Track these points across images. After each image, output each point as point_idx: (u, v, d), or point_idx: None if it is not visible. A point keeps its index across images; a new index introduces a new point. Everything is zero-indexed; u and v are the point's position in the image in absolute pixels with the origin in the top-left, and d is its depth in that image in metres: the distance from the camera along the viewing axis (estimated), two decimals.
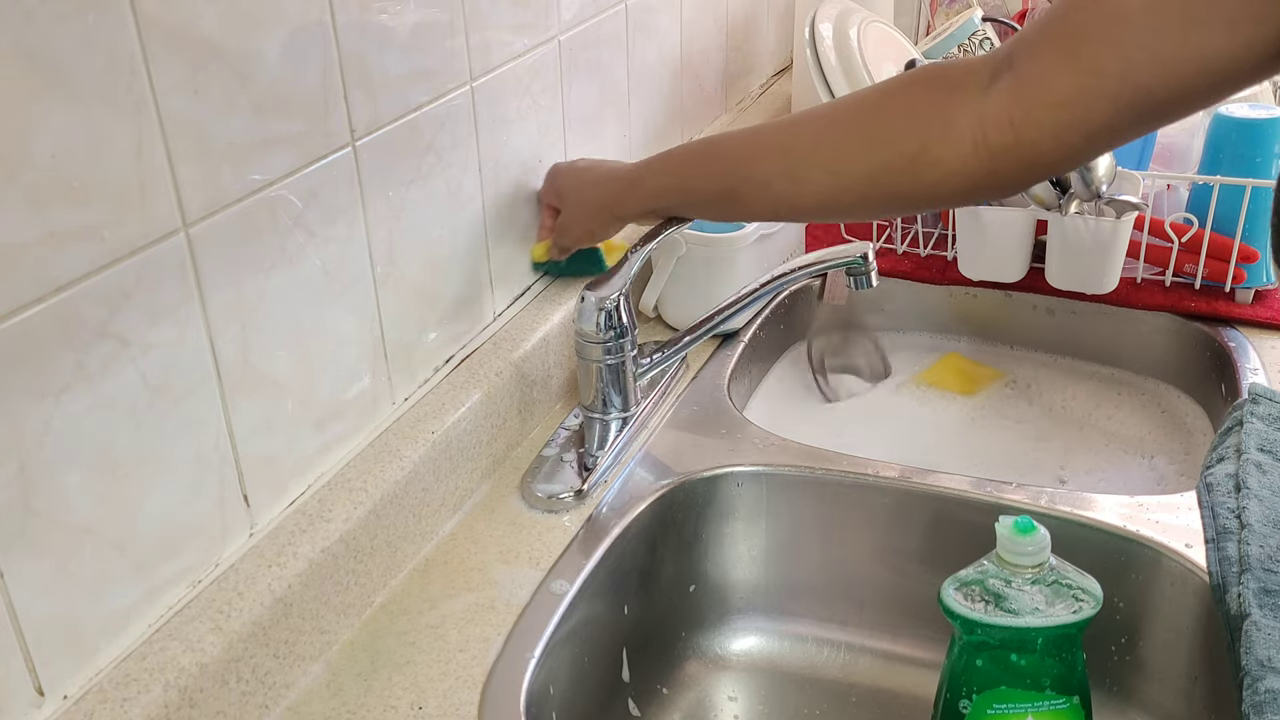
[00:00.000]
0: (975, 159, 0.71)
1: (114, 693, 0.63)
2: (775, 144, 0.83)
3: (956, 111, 0.71)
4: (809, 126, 0.81)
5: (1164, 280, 1.18)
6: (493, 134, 0.95)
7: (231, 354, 0.71)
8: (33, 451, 0.59)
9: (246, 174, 0.70)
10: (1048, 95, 0.67)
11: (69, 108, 0.58)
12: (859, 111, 0.80)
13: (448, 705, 0.73)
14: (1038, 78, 0.67)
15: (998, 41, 1.55)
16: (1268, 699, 0.67)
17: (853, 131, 0.78)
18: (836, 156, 0.78)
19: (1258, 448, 0.88)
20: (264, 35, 0.69)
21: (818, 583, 0.97)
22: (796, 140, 0.81)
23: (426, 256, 0.89)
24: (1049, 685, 0.74)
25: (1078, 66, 0.65)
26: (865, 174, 0.77)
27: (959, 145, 0.71)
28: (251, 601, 0.70)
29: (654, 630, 0.93)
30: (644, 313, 1.15)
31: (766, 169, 0.82)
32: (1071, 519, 0.87)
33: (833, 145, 0.79)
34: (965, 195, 0.75)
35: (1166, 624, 0.85)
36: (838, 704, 0.94)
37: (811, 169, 0.79)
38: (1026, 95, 0.68)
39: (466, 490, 0.91)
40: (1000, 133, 0.69)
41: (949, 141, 0.71)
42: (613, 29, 1.14)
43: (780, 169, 0.81)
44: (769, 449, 0.96)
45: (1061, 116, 0.67)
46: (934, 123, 0.72)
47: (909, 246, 1.29)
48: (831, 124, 0.80)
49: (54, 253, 0.58)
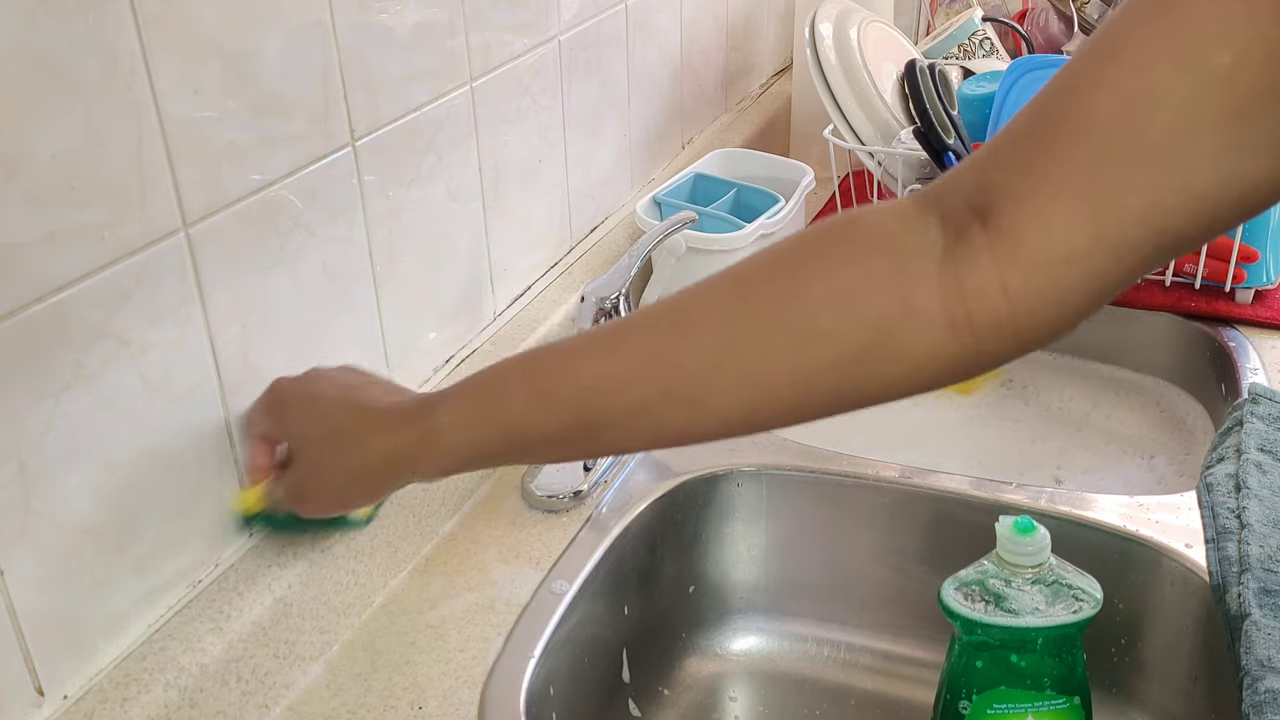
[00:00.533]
0: (956, 343, 0.54)
1: (114, 693, 0.63)
2: (650, 356, 0.58)
3: (912, 286, 0.53)
4: (701, 325, 0.57)
5: (1164, 280, 1.18)
6: (493, 134, 0.95)
7: (231, 354, 0.71)
8: (33, 451, 0.59)
9: (246, 174, 0.70)
10: (1051, 251, 0.51)
11: (69, 108, 0.58)
12: (771, 294, 0.57)
13: (448, 705, 0.73)
14: (1036, 230, 0.51)
15: (998, 42, 1.55)
16: (1268, 699, 0.67)
17: (770, 324, 0.56)
18: (751, 361, 0.56)
19: (1258, 448, 0.88)
20: (264, 35, 0.69)
21: (818, 583, 0.97)
22: (684, 347, 0.57)
23: (426, 256, 0.89)
24: (1049, 685, 0.74)
25: (1088, 212, 0.50)
26: (796, 380, 0.56)
27: (928, 330, 0.53)
28: (251, 601, 0.70)
29: (654, 630, 0.93)
30: None
31: (641, 393, 0.58)
32: (1071, 519, 0.87)
33: (744, 347, 0.56)
34: (938, 384, 0.56)
35: (1166, 624, 0.85)
36: (838, 704, 0.94)
37: (714, 382, 0.57)
38: (1023, 255, 0.51)
39: (466, 490, 0.91)
40: (989, 307, 0.52)
41: (913, 326, 0.54)
42: (613, 29, 1.14)
43: (663, 390, 0.57)
44: (769, 449, 0.96)
45: (1068, 276, 0.51)
46: (885, 303, 0.54)
47: None
48: (734, 316, 0.57)
49: (54, 253, 0.58)
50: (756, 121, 1.51)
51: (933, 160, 1.18)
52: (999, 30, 1.61)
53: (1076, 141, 0.50)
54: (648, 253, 0.95)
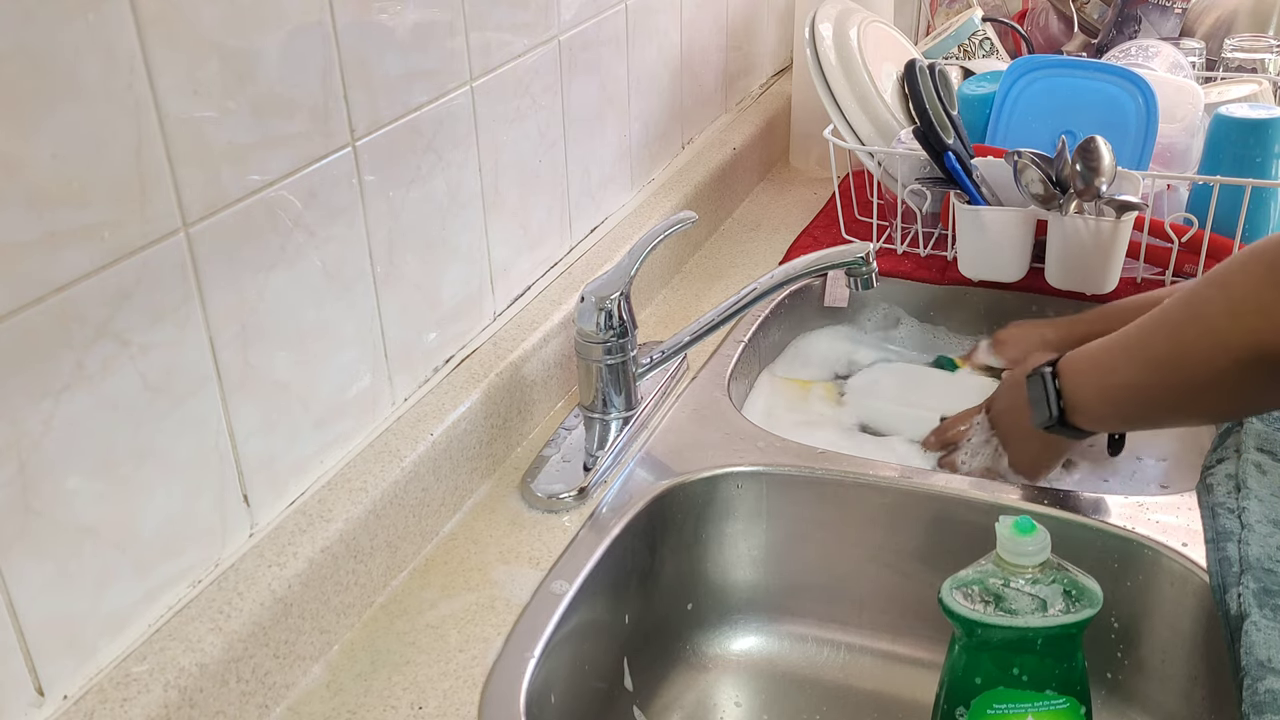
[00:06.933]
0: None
1: (114, 693, 0.63)
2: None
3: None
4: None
5: (1164, 280, 1.18)
6: (493, 134, 0.95)
7: (231, 354, 0.71)
8: (33, 451, 0.59)
9: (246, 174, 0.70)
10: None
11: (69, 108, 0.58)
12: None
13: (448, 705, 0.73)
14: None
15: (998, 42, 1.55)
16: (1267, 699, 0.67)
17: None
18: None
19: (1257, 448, 0.88)
20: (264, 35, 0.69)
21: (818, 583, 0.97)
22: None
23: (426, 256, 0.89)
24: (1049, 685, 0.74)
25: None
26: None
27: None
28: (251, 601, 0.70)
29: (654, 630, 0.93)
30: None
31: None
32: (1071, 519, 0.87)
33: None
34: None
35: (1166, 624, 0.85)
36: (838, 704, 0.94)
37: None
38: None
39: (466, 490, 0.91)
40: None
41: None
42: (613, 29, 1.14)
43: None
44: (769, 449, 0.96)
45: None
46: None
47: (909, 246, 1.29)
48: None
49: (54, 253, 0.58)
50: (756, 121, 1.51)
51: (933, 160, 1.18)
52: (999, 30, 1.61)
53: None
54: (647, 252, 0.95)
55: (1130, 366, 0.83)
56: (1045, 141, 1.20)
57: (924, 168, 1.22)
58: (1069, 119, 1.21)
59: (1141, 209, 1.11)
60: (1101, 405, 0.86)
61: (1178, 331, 0.78)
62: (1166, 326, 0.80)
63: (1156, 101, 1.18)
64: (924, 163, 1.21)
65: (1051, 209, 1.12)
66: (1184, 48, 1.45)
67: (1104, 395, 0.86)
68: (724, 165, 1.39)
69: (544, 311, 1.03)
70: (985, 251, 1.17)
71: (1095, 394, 0.86)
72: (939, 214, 1.28)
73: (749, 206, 1.47)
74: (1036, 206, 1.13)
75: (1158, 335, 0.80)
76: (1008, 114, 1.26)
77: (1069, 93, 1.23)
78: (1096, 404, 0.86)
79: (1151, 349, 0.81)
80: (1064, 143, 1.11)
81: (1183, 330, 0.78)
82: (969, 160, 1.18)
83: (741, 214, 1.45)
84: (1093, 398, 0.86)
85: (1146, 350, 0.81)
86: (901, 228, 1.30)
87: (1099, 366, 0.86)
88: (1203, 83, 1.35)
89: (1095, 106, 1.21)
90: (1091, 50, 1.64)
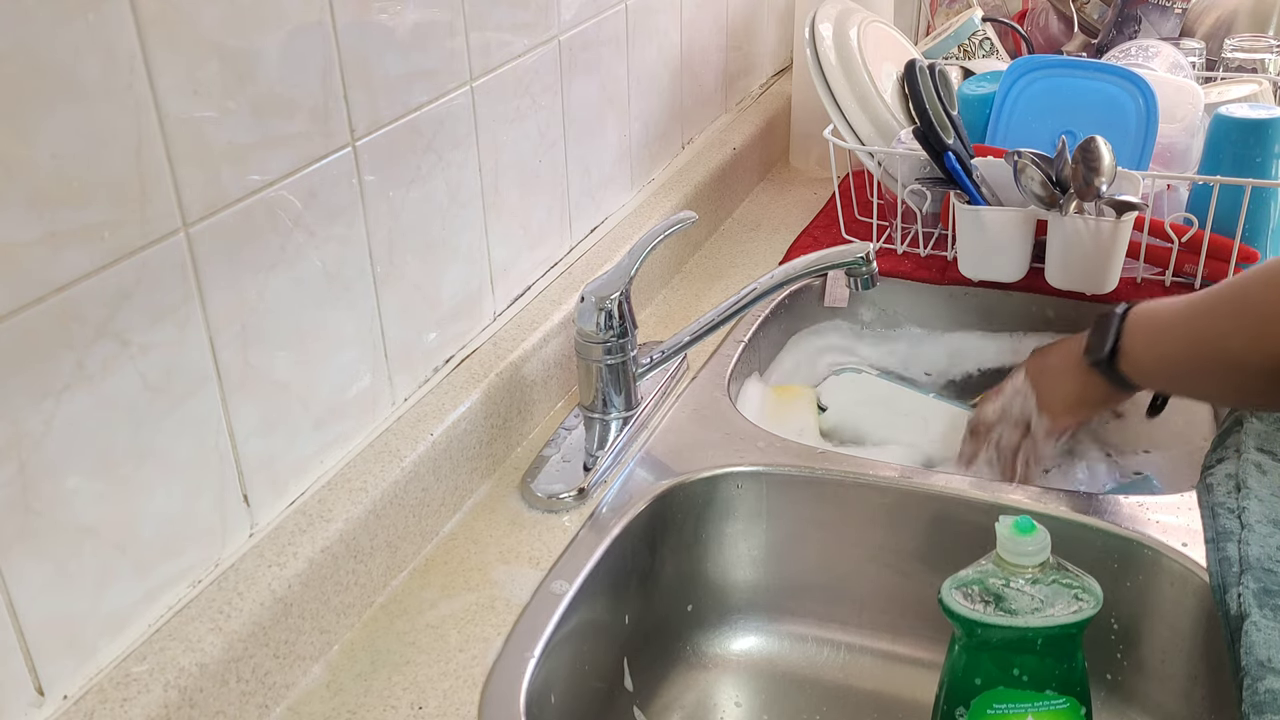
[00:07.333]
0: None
1: (114, 693, 0.63)
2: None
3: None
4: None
5: (1164, 280, 1.18)
6: (493, 134, 0.95)
7: (231, 354, 0.71)
8: (33, 451, 0.59)
9: (246, 174, 0.70)
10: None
11: (69, 108, 0.58)
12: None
13: (448, 705, 0.73)
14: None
15: (998, 42, 1.55)
16: (1267, 699, 0.67)
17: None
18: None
19: (1257, 448, 0.88)
20: (264, 35, 0.69)
21: (818, 583, 0.97)
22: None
23: (426, 256, 0.89)
24: (1049, 685, 0.74)
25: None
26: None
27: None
28: (251, 601, 0.70)
29: (654, 630, 0.93)
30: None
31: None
32: (1071, 519, 0.87)
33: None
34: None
35: (1166, 624, 0.85)
36: (838, 704, 0.94)
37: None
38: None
39: (466, 490, 0.91)
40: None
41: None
42: (613, 29, 1.14)
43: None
44: (769, 449, 0.96)
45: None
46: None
47: (909, 246, 1.29)
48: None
49: (54, 253, 0.58)
50: (756, 121, 1.51)
51: (933, 160, 1.18)
52: (999, 30, 1.61)
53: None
54: (647, 252, 0.95)
55: (1178, 340, 0.87)
56: (1045, 141, 1.20)
57: (924, 168, 1.22)
58: (1069, 119, 1.21)
59: (1141, 209, 1.11)
60: (1149, 362, 0.91)
61: (1221, 321, 0.83)
62: (1213, 314, 0.84)
63: (1156, 101, 1.18)
64: (924, 163, 1.21)
65: (1051, 209, 1.12)
66: (1184, 48, 1.45)
67: (1152, 354, 0.90)
68: (724, 165, 1.39)
69: (544, 311, 1.03)
70: (985, 251, 1.17)
71: (1145, 351, 0.90)
72: (939, 214, 1.28)
73: (749, 206, 1.47)
74: (1036, 206, 1.13)
75: (1204, 319, 0.85)
76: (1008, 114, 1.26)
77: (1069, 93, 1.23)
78: (1145, 360, 0.91)
79: (1196, 329, 0.85)
80: (1064, 143, 1.11)
81: (1226, 322, 0.82)
82: (969, 160, 1.18)
83: (741, 214, 1.45)
84: (1143, 354, 0.90)
85: (1191, 329, 0.86)
86: (901, 228, 1.30)
87: (1156, 325, 0.90)
88: (1203, 83, 1.35)
89: (1095, 106, 1.21)
90: (1091, 50, 1.64)
